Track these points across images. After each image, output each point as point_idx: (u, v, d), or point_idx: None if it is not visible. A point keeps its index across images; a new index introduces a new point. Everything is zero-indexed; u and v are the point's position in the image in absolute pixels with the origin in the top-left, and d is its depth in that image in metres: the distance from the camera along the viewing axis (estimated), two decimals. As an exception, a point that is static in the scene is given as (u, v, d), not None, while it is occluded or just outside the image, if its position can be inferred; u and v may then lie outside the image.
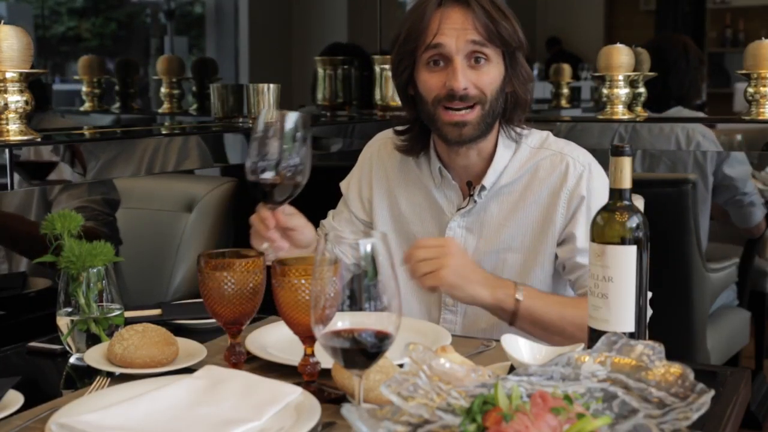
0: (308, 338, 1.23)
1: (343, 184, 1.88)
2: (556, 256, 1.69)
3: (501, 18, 1.61)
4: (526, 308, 1.56)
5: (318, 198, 1.68)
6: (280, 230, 1.54)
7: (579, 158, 1.69)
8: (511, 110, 1.69)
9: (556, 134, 1.79)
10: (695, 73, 3.18)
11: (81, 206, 2.16)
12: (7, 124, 1.70)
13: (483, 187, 1.70)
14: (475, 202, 1.72)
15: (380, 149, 1.84)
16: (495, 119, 1.67)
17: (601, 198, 1.62)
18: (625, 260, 1.26)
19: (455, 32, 1.61)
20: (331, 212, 1.87)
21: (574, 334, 1.49)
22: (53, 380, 1.46)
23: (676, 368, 1.05)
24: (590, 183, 1.67)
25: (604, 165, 1.49)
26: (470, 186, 1.73)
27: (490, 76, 1.63)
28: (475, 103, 1.62)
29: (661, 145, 2.88)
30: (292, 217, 1.56)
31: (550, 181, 1.69)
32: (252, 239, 1.57)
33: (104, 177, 2.09)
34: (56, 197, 2.15)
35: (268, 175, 1.40)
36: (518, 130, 1.71)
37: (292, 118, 1.40)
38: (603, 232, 1.27)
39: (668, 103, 3.18)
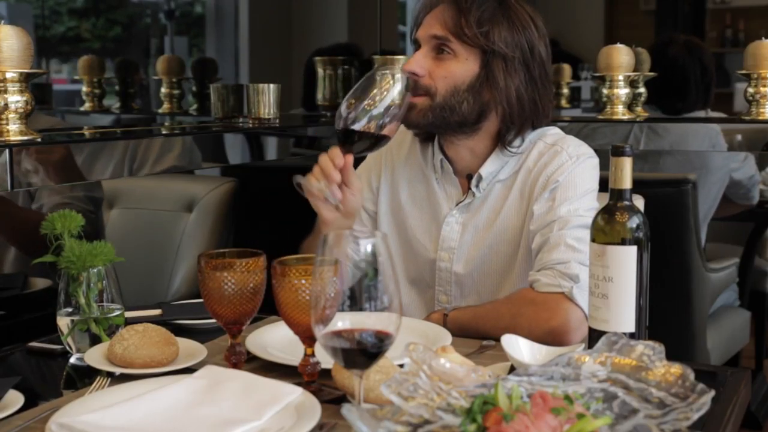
0: (308, 338, 1.23)
1: None
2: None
3: (483, 20, 1.61)
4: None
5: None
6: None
7: (570, 149, 1.68)
8: (501, 126, 1.69)
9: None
10: (711, 79, 3.18)
11: (63, 203, 2.16)
12: (7, 124, 1.70)
13: (480, 177, 1.71)
14: (474, 195, 1.72)
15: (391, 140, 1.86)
16: (455, 117, 1.65)
17: (575, 189, 1.63)
18: (626, 260, 1.26)
19: (427, 26, 1.66)
20: None
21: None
22: (53, 380, 1.46)
23: (676, 368, 1.06)
24: (571, 171, 1.65)
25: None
26: (469, 179, 1.73)
27: (447, 69, 1.64)
28: (424, 92, 1.64)
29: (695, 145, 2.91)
30: (353, 175, 1.59)
31: (536, 169, 1.68)
32: (309, 178, 1.58)
33: (99, 177, 2.09)
34: (36, 193, 2.15)
35: (359, 125, 1.53)
36: (515, 148, 1.69)
37: (401, 81, 1.56)
38: (603, 232, 1.27)
39: (681, 106, 3.18)
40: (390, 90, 1.55)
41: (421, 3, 1.71)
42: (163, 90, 3.15)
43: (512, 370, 1.28)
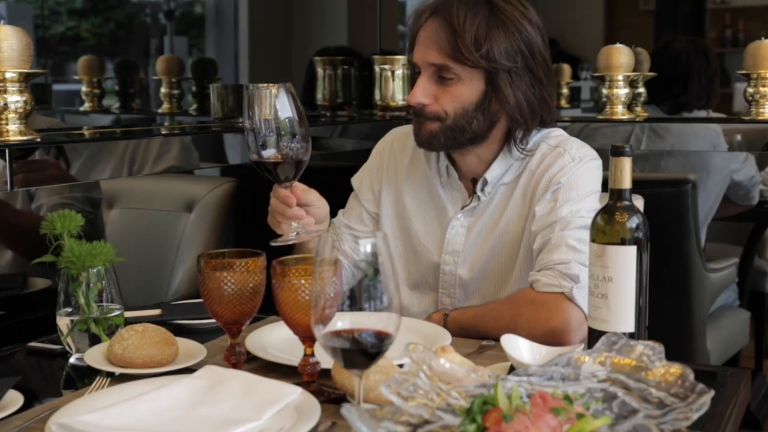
0: (308, 338, 1.23)
1: (354, 180, 1.88)
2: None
3: (479, 38, 1.58)
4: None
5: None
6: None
7: (573, 151, 1.68)
8: (510, 129, 1.69)
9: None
10: (714, 78, 3.19)
11: (63, 203, 2.16)
12: (7, 124, 1.70)
13: (485, 181, 1.71)
14: (479, 199, 1.72)
15: (393, 143, 1.86)
16: (467, 135, 1.66)
17: (577, 190, 1.63)
18: (625, 260, 1.26)
19: (423, 49, 1.64)
20: (341, 211, 1.87)
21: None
22: (53, 380, 1.46)
23: (676, 368, 1.06)
24: (573, 172, 1.65)
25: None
26: (474, 183, 1.74)
27: (453, 94, 1.63)
28: (431, 118, 1.64)
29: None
30: (306, 192, 1.58)
31: (539, 171, 1.68)
32: (275, 225, 1.57)
33: (98, 177, 2.09)
34: (36, 193, 2.16)
35: (270, 153, 1.43)
36: (523, 146, 1.69)
37: (278, 90, 1.43)
38: (603, 232, 1.27)
39: (685, 101, 3.18)
40: (273, 105, 1.44)
41: (412, 17, 1.69)
42: (163, 90, 3.15)
43: (512, 370, 1.28)
